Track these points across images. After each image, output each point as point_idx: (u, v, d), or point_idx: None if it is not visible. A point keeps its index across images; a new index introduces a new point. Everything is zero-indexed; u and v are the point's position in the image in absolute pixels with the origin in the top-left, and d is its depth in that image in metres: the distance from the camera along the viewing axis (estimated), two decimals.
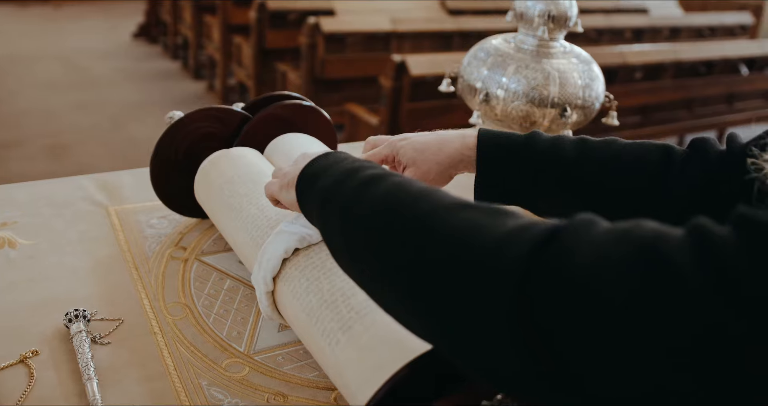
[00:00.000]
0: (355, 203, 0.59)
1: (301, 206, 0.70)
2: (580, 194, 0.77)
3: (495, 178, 0.80)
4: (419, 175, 0.82)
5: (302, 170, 0.69)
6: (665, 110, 4.27)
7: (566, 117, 1.23)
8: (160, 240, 1.04)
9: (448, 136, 0.83)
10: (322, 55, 3.68)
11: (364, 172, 0.62)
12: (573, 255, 0.42)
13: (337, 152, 0.70)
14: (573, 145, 0.79)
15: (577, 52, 1.30)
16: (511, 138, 0.81)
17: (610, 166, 0.77)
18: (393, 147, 0.84)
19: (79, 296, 0.90)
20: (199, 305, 0.91)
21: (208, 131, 1.05)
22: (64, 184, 1.17)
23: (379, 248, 0.55)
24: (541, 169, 0.78)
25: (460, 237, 0.48)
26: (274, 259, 0.76)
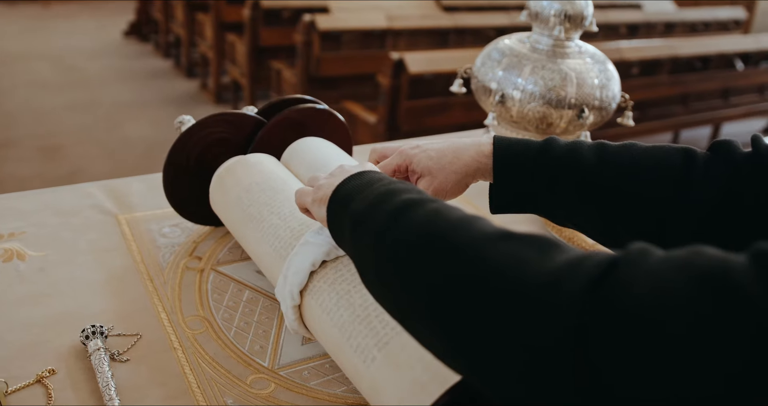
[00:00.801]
0: (390, 231, 0.57)
1: (330, 227, 0.67)
2: (599, 201, 0.75)
3: (511, 186, 0.78)
4: (436, 185, 0.79)
5: (334, 190, 0.67)
6: (661, 106, 4.27)
7: (584, 118, 1.21)
8: (174, 250, 1.01)
9: (462, 145, 0.80)
10: (318, 53, 3.65)
11: (399, 197, 0.59)
12: (632, 288, 0.41)
13: (371, 172, 0.68)
14: (591, 150, 0.76)
15: (591, 51, 1.28)
16: (527, 144, 0.78)
17: (629, 172, 0.74)
18: (405, 156, 0.81)
19: (93, 311, 0.87)
20: (218, 318, 0.88)
21: (221, 137, 1.02)
22: (70, 191, 1.13)
23: (415, 281, 0.52)
24: (558, 175, 0.76)
25: (508, 271, 0.46)
26: (300, 272, 0.74)
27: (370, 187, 0.64)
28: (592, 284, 0.42)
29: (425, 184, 0.79)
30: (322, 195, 0.69)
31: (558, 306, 0.42)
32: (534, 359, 0.43)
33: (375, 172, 0.68)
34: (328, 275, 0.74)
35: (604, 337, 0.40)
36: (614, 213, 0.74)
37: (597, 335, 0.40)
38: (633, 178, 0.73)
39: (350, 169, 0.70)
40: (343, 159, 0.98)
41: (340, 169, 0.71)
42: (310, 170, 0.95)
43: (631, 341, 0.39)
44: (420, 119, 3.32)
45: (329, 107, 1.08)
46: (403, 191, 0.61)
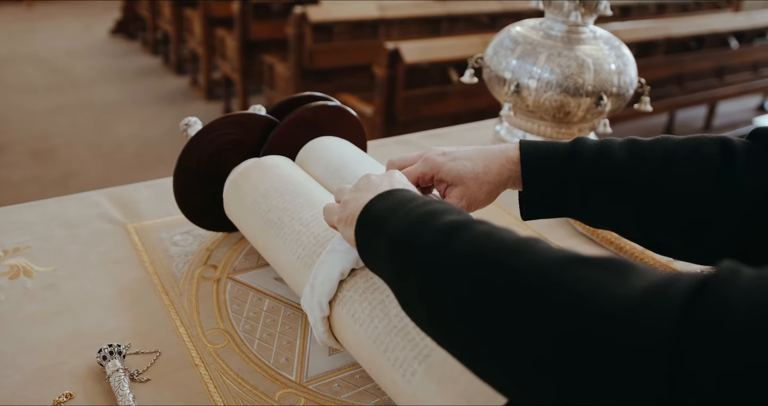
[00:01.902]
0: (438, 258, 0.52)
1: (360, 249, 0.63)
2: (635, 199, 0.71)
3: (542, 191, 0.74)
4: (468, 195, 0.75)
5: (362, 212, 0.63)
6: (657, 87, 4.24)
7: (602, 105, 1.17)
8: (188, 259, 0.96)
9: (491, 153, 0.76)
10: (310, 45, 3.59)
11: (441, 219, 0.55)
12: (729, 307, 0.38)
13: (400, 191, 0.64)
14: (623, 147, 0.72)
15: (605, 36, 1.24)
16: (555, 147, 0.74)
17: (665, 166, 0.70)
18: (432, 164, 0.76)
19: (108, 328, 0.82)
20: (239, 330, 0.84)
21: (232, 139, 0.98)
22: (74, 201, 1.09)
23: (477, 314, 0.48)
24: (590, 176, 0.72)
25: (587, 298, 0.42)
26: (329, 282, 0.70)
27: (404, 207, 0.59)
28: (686, 305, 0.39)
29: (458, 193, 0.75)
30: (349, 214, 0.65)
31: (649, 330, 0.39)
32: (624, 386, 0.39)
33: (404, 190, 0.64)
34: (358, 283, 0.70)
35: (703, 359, 0.37)
36: (652, 211, 0.70)
37: (696, 358, 0.37)
38: (669, 172, 0.69)
39: (378, 183, 0.66)
40: (360, 159, 0.93)
41: (366, 181, 0.67)
42: (328, 171, 0.91)
43: (734, 362, 0.36)
44: (417, 109, 3.28)
45: (341, 104, 1.03)
46: (444, 212, 0.56)
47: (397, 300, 0.59)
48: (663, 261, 1.01)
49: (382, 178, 0.68)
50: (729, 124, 4.84)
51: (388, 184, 0.67)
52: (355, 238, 0.63)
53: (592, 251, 1.07)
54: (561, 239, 1.09)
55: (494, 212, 1.14)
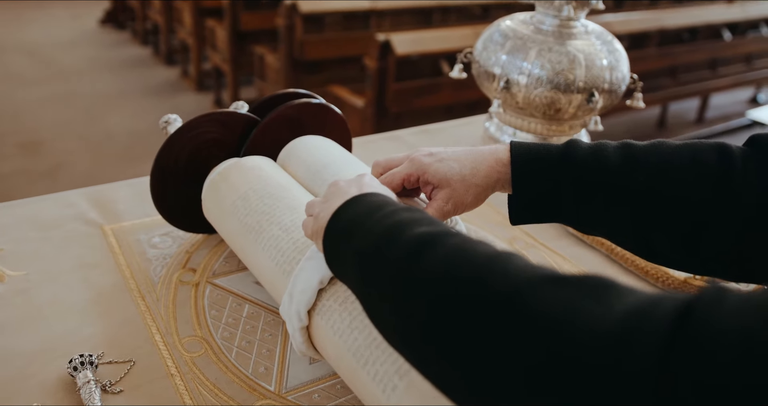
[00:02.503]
0: (406, 276, 0.50)
1: (330, 263, 0.61)
2: (629, 205, 0.68)
3: (532, 195, 0.71)
4: (455, 197, 0.72)
5: (329, 223, 0.60)
6: (649, 78, 4.21)
7: (593, 102, 1.14)
8: (166, 262, 0.93)
9: (480, 154, 0.73)
10: (301, 36, 3.55)
11: (411, 232, 0.52)
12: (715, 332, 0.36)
13: (368, 196, 0.61)
14: (617, 151, 0.70)
15: (597, 30, 1.21)
16: (547, 149, 0.71)
17: (661, 172, 0.67)
18: (419, 165, 0.73)
19: (82, 336, 0.80)
20: (218, 338, 0.81)
21: (212, 137, 0.95)
22: (50, 202, 1.06)
23: (442, 338, 0.46)
24: (583, 180, 0.69)
25: (566, 323, 0.40)
26: (308, 291, 0.67)
27: (371, 217, 0.57)
28: (671, 330, 0.37)
29: (444, 196, 0.72)
30: (319, 227, 0.62)
31: (635, 356, 0.36)
32: None
33: (373, 194, 0.61)
34: (338, 292, 0.67)
35: (693, 385, 0.35)
36: (648, 217, 0.67)
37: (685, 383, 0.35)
38: (666, 178, 0.67)
39: (346, 189, 0.63)
40: (344, 159, 0.90)
41: (335, 189, 0.65)
42: (310, 172, 0.88)
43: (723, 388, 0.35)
44: (409, 101, 3.24)
45: (326, 101, 1.00)
46: (414, 223, 0.54)
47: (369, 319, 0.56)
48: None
49: (351, 183, 0.65)
50: (722, 116, 4.83)
51: (357, 189, 0.64)
52: (323, 250, 0.61)
53: (582, 251, 1.04)
54: (551, 240, 1.06)
55: (484, 212, 1.11)
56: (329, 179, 0.86)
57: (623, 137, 2.12)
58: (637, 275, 0.99)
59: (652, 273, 0.97)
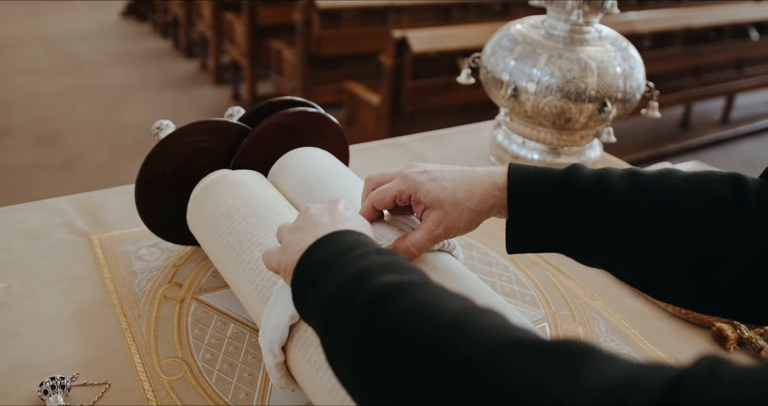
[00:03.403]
0: (367, 332, 0.46)
1: (297, 306, 0.57)
2: (634, 237, 0.63)
3: (529, 222, 0.66)
4: (447, 221, 0.67)
5: (297, 264, 0.56)
6: (672, 78, 4.12)
7: (606, 112, 1.09)
8: (151, 276, 0.90)
9: (476, 176, 0.69)
10: (318, 31, 3.51)
11: (378, 279, 0.48)
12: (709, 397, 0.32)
13: (341, 234, 0.57)
14: (622, 179, 0.65)
15: (612, 36, 1.16)
16: (546, 174, 0.66)
17: (671, 203, 0.62)
18: (411, 182, 0.68)
19: (58, 355, 0.76)
20: (199, 360, 0.77)
21: (202, 146, 0.91)
22: (39, 209, 1.03)
23: (403, 397, 0.42)
24: (583, 207, 0.64)
25: (538, 399, 0.36)
26: (279, 328, 0.63)
27: (339, 261, 0.53)
28: (664, 399, 0.32)
29: (435, 219, 0.68)
30: (287, 264, 0.58)
31: None
32: None
33: (345, 233, 0.57)
34: None
35: None
36: (653, 250, 0.62)
37: None
38: (674, 208, 0.62)
39: (317, 221, 0.59)
40: (339, 175, 0.86)
41: (306, 218, 0.61)
42: (302, 188, 0.84)
43: None
44: (424, 99, 3.20)
45: (323, 111, 0.96)
46: (383, 269, 0.50)
47: None
48: None
49: (323, 213, 0.61)
50: (748, 116, 4.71)
51: (330, 222, 0.59)
52: (291, 292, 0.57)
53: (589, 271, 0.99)
54: (557, 257, 1.01)
55: (487, 227, 1.06)
56: (322, 196, 0.82)
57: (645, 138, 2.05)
58: (646, 298, 0.94)
59: None
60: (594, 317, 0.90)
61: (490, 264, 0.98)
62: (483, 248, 1.01)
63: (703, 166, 1.34)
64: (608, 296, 0.94)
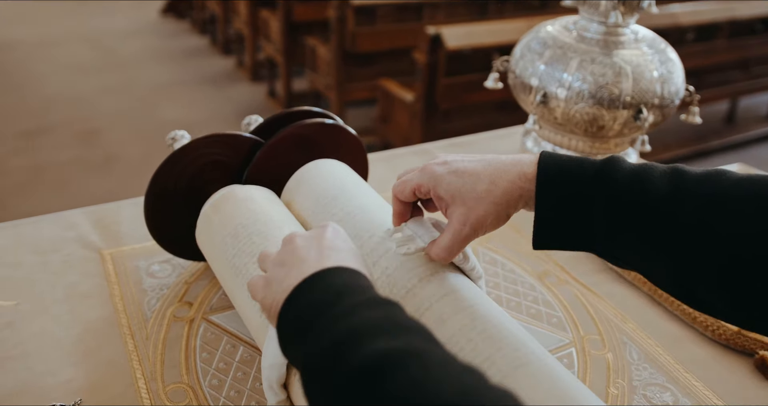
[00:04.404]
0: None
1: (284, 353, 0.53)
2: (673, 239, 0.57)
3: (558, 219, 0.61)
4: (473, 218, 0.62)
5: (281, 312, 0.52)
6: (719, 72, 3.98)
7: (641, 119, 1.03)
8: (162, 294, 0.87)
9: (501, 165, 0.63)
10: (352, 28, 3.47)
11: (367, 348, 0.43)
12: None
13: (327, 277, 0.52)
14: (664, 175, 0.58)
15: (649, 37, 1.09)
16: (580, 165, 0.61)
17: (717, 204, 0.56)
18: (430, 175, 0.64)
19: (61, 379, 0.74)
20: (205, 386, 0.74)
21: (215, 159, 0.88)
22: (52, 222, 1.01)
23: None
24: (618, 203, 0.58)
25: None
26: (276, 366, 0.59)
27: (326, 312, 0.48)
28: None
29: (460, 218, 0.62)
30: (270, 306, 0.54)
31: None
32: None
33: (332, 274, 0.52)
34: None
35: None
36: (691, 256, 0.56)
37: None
38: (719, 211, 0.56)
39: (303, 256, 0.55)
40: (357, 190, 0.81)
41: (291, 249, 0.56)
42: (320, 205, 0.80)
43: None
44: (459, 96, 3.13)
45: (341, 122, 0.92)
46: (374, 331, 0.45)
47: None
48: None
49: (310, 244, 0.56)
50: None
51: (316, 256, 0.55)
52: (277, 338, 0.52)
53: (622, 290, 0.94)
54: (587, 275, 0.96)
55: (513, 240, 1.01)
56: (338, 214, 0.78)
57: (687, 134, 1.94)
58: (683, 320, 0.88)
59: (701, 320, 0.86)
60: (625, 341, 0.84)
61: (515, 282, 0.93)
62: (509, 264, 0.96)
63: (748, 169, 1.26)
64: (641, 319, 0.88)
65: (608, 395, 0.76)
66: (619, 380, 0.78)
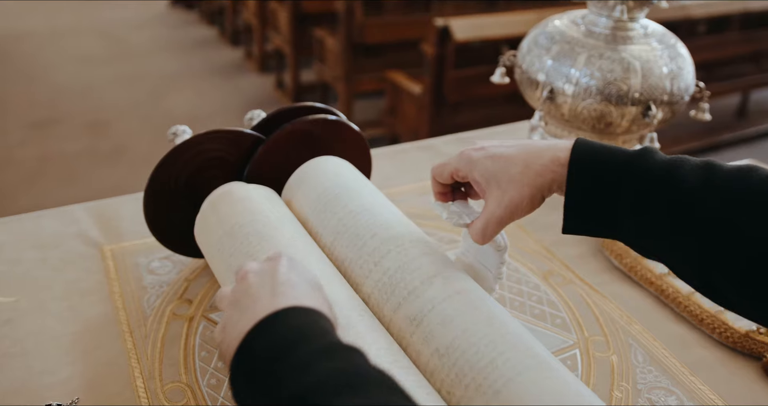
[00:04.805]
0: None
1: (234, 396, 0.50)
2: (700, 234, 0.56)
3: (586, 204, 0.61)
4: (507, 200, 0.63)
5: (234, 359, 0.48)
6: (730, 65, 3.94)
7: (650, 116, 1.01)
8: (162, 291, 0.87)
9: (536, 150, 0.64)
10: (360, 19, 3.45)
11: None
12: None
13: (279, 321, 0.48)
14: (696, 169, 0.58)
15: (659, 32, 1.07)
16: (613, 152, 0.61)
17: (745, 202, 0.55)
18: (467, 160, 0.65)
19: (59, 377, 0.74)
20: (203, 385, 0.74)
21: (216, 155, 0.87)
22: (54, 217, 1.00)
23: None
24: (648, 193, 0.58)
25: None
26: None
27: (281, 363, 0.44)
28: None
29: (495, 200, 0.64)
30: (225, 350, 0.51)
31: None
32: None
33: (289, 314, 0.49)
34: None
35: None
36: (717, 250, 0.56)
37: None
38: (747, 208, 0.55)
39: (256, 295, 0.52)
40: (360, 189, 0.80)
41: (242, 289, 0.53)
42: (320, 203, 0.78)
43: None
44: (468, 89, 3.11)
45: (344, 118, 0.91)
46: (334, 389, 0.41)
47: None
48: (712, 311, 0.85)
49: (263, 280, 0.53)
50: None
51: (269, 295, 0.51)
52: (231, 391, 0.49)
53: (628, 291, 0.92)
54: (592, 275, 0.94)
55: (521, 239, 1.00)
56: (339, 213, 0.76)
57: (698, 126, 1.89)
58: (690, 322, 0.87)
59: (708, 322, 0.84)
60: (631, 343, 0.83)
61: (519, 282, 0.92)
62: (513, 263, 0.95)
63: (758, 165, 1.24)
64: (647, 320, 0.87)
65: (612, 398, 0.74)
66: (624, 383, 0.77)
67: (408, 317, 0.64)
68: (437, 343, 0.61)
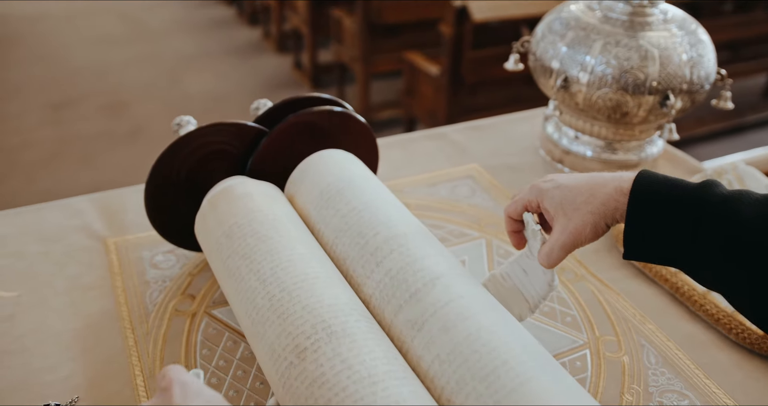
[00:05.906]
0: None
1: None
2: (756, 268, 0.57)
3: (646, 233, 0.63)
4: (572, 228, 0.66)
5: None
6: (757, 44, 3.83)
7: (668, 106, 0.97)
8: (164, 286, 0.86)
9: (600, 180, 0.66)
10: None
11: None
12: None
13: None
14: (754, 203, 0.59)
15: (679, 17, 1.03)
16: (674, 183, 0.63)
17: None
18: (537, 191, 0.69)
19: (59, 375, 0.73)
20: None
21: (220, 148, 0.85)
22: (57, 210, 0.99)
23: None
24: (704, 222, 0.59)
25: None
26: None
27: None
28: None
29: (560, 227, 0.67)
30: None
31: None
32: None
33: None
34: (305, 373, 0.56)
35: None
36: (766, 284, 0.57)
37: None
38: None
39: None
40: (365, 184, 0.78)
41: None
42: (323, 199, 0.76)
43: None
44: (486, 70, 3.06)
45: (351, 109, 0.88)
46: None
47: None
48: (729, 311, 0.82)
49: None
50: None
51: None
52: None
53: (642, 288, 0.89)
54: (605, 271, 0.92)
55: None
56: (342, 209, 0.74)
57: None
58: (706, 322, 0.84)
59: (725, 322, 0.81)
60: (643, 344, 0.80)
61: None
62: None
63: None
64: (661, 319, 0.84)
65: (622, 401, 0.72)
66: (635, 385, 0.74)
67: (409, 321, 0.62)
68: (438, 349, 0.59)
